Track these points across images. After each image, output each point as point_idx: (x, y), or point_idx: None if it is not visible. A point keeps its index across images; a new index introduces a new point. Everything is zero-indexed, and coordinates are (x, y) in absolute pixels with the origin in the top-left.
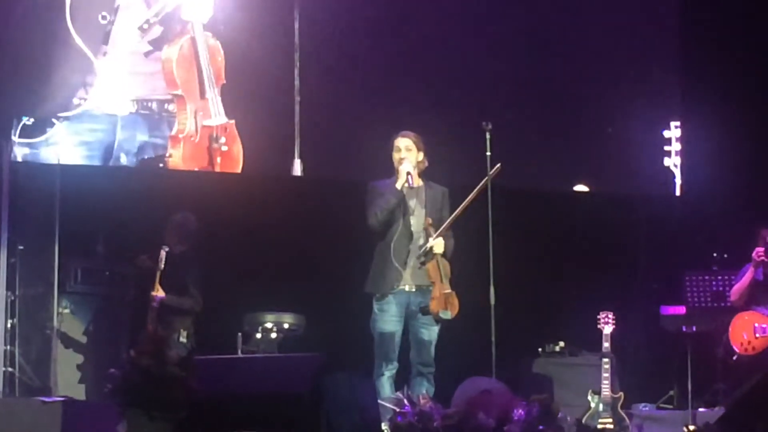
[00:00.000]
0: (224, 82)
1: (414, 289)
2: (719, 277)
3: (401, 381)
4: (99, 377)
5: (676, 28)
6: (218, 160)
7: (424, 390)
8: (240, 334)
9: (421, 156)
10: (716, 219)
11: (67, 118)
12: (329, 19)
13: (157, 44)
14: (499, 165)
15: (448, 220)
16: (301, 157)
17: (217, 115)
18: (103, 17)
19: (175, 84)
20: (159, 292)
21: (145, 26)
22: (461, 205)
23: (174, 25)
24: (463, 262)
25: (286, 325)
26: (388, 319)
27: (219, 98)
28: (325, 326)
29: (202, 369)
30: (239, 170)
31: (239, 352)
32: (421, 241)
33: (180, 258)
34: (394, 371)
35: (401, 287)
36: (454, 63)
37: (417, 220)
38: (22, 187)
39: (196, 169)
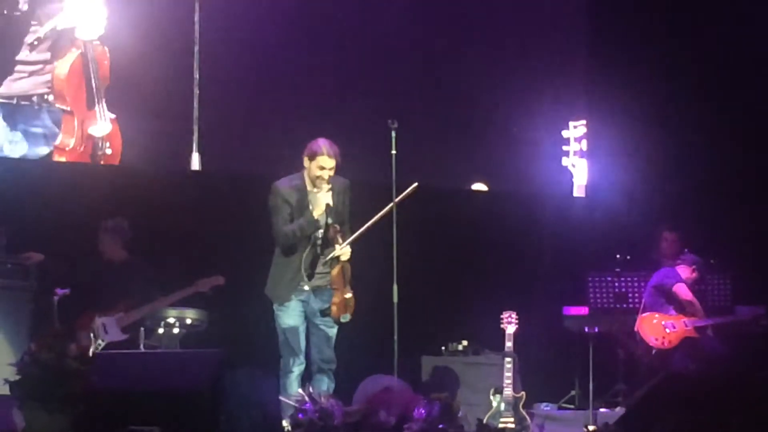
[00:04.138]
0: (109, 83)
1: (313, 290)
2: (622, 279)
3: (303, 379)
4: None
5: (582, 29)
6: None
7: (325, 387)
8: (142, 328)
9: None
10: (619, 220)
11: None
12: (231, 10)
13: (40, 48)
14: (416, 184)
15: (359, 232)
16: (199, 151)
17: (102, 124)
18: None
19: (64, 99)
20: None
21: (35, 42)
22: (373, 219)
23: (64, 41)
24: (366, 259)
25: (188, 321)
26: (291, 314)
27: (105, 108)
28: (228, 322)
29: (102, 363)
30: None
31: (141, 347)
32: (327, 248)
33: (124, 268)
34: (302, 367)
35: (301, 288)
36: (359, 60)
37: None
38: None
39: None
